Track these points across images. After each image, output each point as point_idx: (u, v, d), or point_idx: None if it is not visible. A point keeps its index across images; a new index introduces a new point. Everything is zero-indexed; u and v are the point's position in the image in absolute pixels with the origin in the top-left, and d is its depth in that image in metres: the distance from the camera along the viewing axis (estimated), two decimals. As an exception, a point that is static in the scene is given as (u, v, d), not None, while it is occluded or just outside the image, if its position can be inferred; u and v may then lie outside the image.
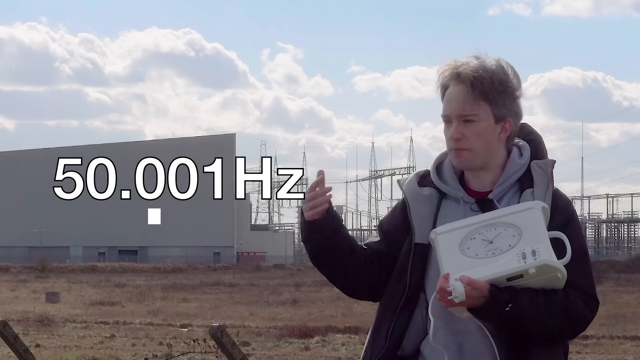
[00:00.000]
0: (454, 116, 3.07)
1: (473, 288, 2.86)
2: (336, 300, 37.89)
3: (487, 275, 2.90)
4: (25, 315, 28.93)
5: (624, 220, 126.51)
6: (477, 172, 3.12)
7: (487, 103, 3.06)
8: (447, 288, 2.87)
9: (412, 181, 3.22)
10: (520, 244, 2.93)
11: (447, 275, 2.90)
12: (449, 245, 2.98)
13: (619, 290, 44.16)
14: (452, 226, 3.01)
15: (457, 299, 2.85)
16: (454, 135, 3.06)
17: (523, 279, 2.91)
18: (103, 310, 33.91)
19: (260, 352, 20.40)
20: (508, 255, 2.92)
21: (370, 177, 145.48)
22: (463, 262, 2.94)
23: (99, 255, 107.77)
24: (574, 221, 3.08)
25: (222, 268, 79.45)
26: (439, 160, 3.22)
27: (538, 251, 2.89)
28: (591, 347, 21.26)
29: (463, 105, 3.05)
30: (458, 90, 3.06)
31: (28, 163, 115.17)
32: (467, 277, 2.87)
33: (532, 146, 3.18)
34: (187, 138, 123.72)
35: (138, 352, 18.86)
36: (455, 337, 3.02)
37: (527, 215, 2.97)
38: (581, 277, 3.01)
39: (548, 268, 2.90)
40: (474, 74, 3.05)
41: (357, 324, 25.42)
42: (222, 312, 33.60)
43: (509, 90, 3.09)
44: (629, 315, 31.02)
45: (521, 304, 2.90)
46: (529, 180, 3.11)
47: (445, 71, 3.11)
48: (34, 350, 11.28)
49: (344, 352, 20.45)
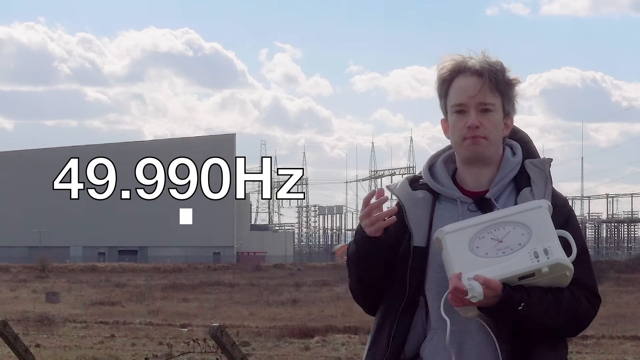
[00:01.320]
0: (471, 105, 3.05)
1: (487, 287, 2.86)
2: (336, 300, 37.92)
3: (500, 275, 2.89)
4: (25, 315, 28.92)
5: (623, 220, 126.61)
6: (478, 168, 3.11)
7: (500, 96, 3.08)
8: (463, 288, 2.85)
9: (404, 185, 3.21)
10: (531, 242, 2.93)
11: (460, 275, 2.88)
12: (458, 245, 2.96)
13: (619, 290, 44.14)
14: (459, 225, 3.00)
15: (475, 298, 2.83)
16: (474, 123, 3.04)
17: (534, 278, 2.91)
18: (103, 310, 33.91)
19: (260, 352, 20.40)
20: (519, 254, 2.92)
21: (370, 177, 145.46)
22: (473, 261, 2.93)
23: (99, 255, 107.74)
24: (572, 219, 3.10)
25: (222, 268, 79.40)
26: (431, 162, 3.22)
27: (550, 250, 2.90)
28: (591, 347, 21.26)
29: (484, 94, 3.05)
30: (474, 80, 3.06)
31: (28, 163, 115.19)
32: (483, 276, 2.86)
33: (522, 145, 3.19)
34: (187, 138, 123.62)
35: (138, 352, 18.83)
36: (455, 337, 3.00)
37: (536, 214, 2.97)
38: (584, 275, 3.03)
39: (560, 266, 2.91)
40: (489, 65, 3.07)
41: (357, 324, 25.42)
42: (222, 312, 33.60)
43: (513, 86, 3.11)
44: (629, 315, 31.02)
45: (533, 303, 2.91)
46: (524, 179, 3.12)
47: (450, 63, 3.10)
48: (33, 350, 11.29)
49: (344, 352, 20.44)
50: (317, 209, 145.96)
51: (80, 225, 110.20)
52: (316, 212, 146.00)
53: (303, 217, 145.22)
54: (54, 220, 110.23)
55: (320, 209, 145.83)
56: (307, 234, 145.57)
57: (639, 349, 21.52)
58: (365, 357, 3.16)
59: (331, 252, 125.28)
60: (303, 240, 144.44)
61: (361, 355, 3.21)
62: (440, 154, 3.24)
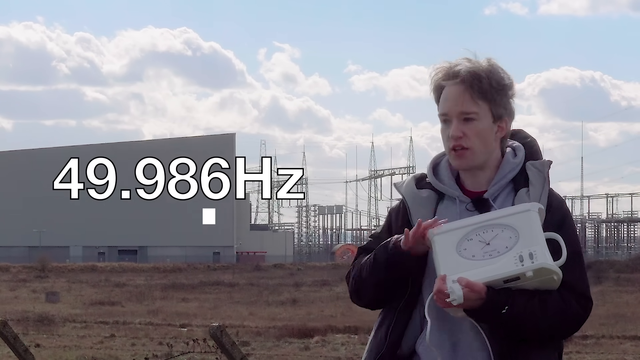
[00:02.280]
0: (454, 115, 3.07)
1: (471, 290, 2.88)
2: (336, 300, 37.95)
3: (484, 278, 2.90)
4: (25, 315, 28.93)
5: (623, 220, 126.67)
6: (474, 172, 3.13)
7: (486, 102, 3.07)
8: (445, 290, 2.87)
9: (409, 184, 3.23)
10: (517, 246, 2.93)
11: (445, 277, 2.91)
12: (446, 247, 2.98)
13: (619, 290, 44.17)
14: (449, 227, 3.01)
15: (455, 301, 2.86)
16: (455, 134, 3.06)
17: (520, 281, 2.92)
18: (103, 310, 33.93)
19: (259, 352, 20.41)
20: (505, 258, 2.92)
21: (370, 176, 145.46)
22: (460, 263, 2.94)
23: (99, 255, 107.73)
24: (568, 220, 3.10)
25: (221, 268, 79.45)
26: (436, 162, 3.24)
27: (535, 254, 2.90)
28: (591, 347, 21.28)
29: (464, 103, 3.06)
30: (457, 89, 3.07)
31: (28, 163, 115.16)
32: (466, 279, 2.88)
33: (527, 148, 3.20)
34: (187, 138, 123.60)
35: (138, 352, 18.83)
36: (448, 336, 3.03)
37: (524, 218, 2.97)
38: (575, 277, 3.03)
39: (545, 271, 2.91)
40: (473, 72, 3.06)
41: (356, 324, 25.44)
42: (221, 312, 33.62)
43: (505, 90, 3.10)
44: (629, 315, 31.05)
45: (517, 306, 2.92)
46: (523, 180, 3.13)
47: (439, 72, 3.12)
48: (33, 350, 11.28)
49: (343, 352, 20.45)
50: (317, 208, 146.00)
51: (79, 225, 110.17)
52: (316, 212, 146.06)
53: (303, 216, 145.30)
54: (53, 220, 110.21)
55: (320, 208, 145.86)
56: (306, 234, 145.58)
57: (639, 348, 21.53)
58: (366, 350, 3.21)
59: (331, 251, 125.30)
60: (303, 240, 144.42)
61: (361, 355, 3.23)
62: (446, 154, 3.25)
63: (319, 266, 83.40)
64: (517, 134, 3.24)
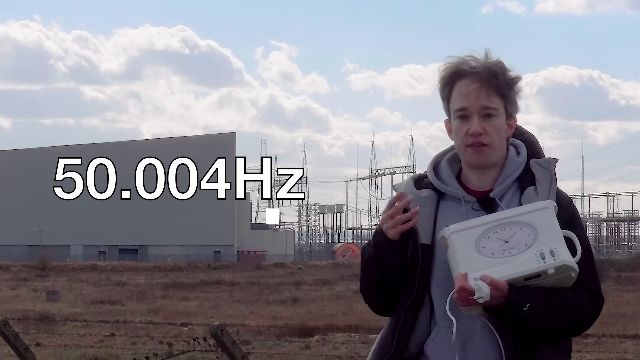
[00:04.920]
0: (474, 110, 3.03)
1: (495, 288, 2.86)
2: (336, 299, 37.95)
3: (506, 275, 2.89)
4: (25, 314, 28.93)
5: (624, 219, 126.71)
6: (483, 170, 3.11)
7: (502, 99, 3.05)
8: (469, 288, 2.85)
9: (409, 184, 3.21)
10: (537, 243, 2.92)
11: (466, 275, 2.88)
12: (464, 244, 2.96)
13: (620, 289, 44.15)
14: (465, 225, 2.99)
15: (483, 299, 2.83)
16: (477, 130, 3.02)
17: (540, 279, 2.91)
18: (103, 309, 33.94)
19: (260, 350, 20.41)
20: (526, 255, 2.92)
21: (370, 175, 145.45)
22: (479, 261, 2.93)
23: (99, 254, 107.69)
24: (576, 219, 3.09)
25: (222, 267, 79.46)
26: (436, 161, 3.22)
27: (557, 251, 2.90)
28: (591, 346, 21.26)
29: (485, 98, 3.03)
30: (475, 85, 3.03)
31: (29, 162, 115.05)
32: (490, 276, 2.86)
33: (527, 145, 3.18)
34: (187, 137, 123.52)
35: (138, 350, 18.81)
36: (459, 336, 3.01)
37: (542, 215, 2.96)
38: (588, 275, 3.03)
39: (566, 268, 2.91)
40: (489, 68, 3.04)
41: (357, 323, 25.44)
42: (222, 311, 33.62)
43: (515, 87, 3.09)
44: (630, 314, 31.04)
45: (538, 304, 2.91)
46: (528, 178, 3.11)
47: (450, 67, 3.08)
48: (34, 349, 11.28)
49: (344, 351, 20.44)
50: (317, 207, 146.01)
51: (80, 223, 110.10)
52: (316, 211, 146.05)
53: (303, 215, 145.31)
54: (54, 219, 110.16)
55: (320, 207, 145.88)
56: (307, 233, 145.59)
57: (639, 347, 21.53)
58: (372, 350, 3.20)
59: (331, 250, 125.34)
60: (303, 239, 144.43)
61: (361, 354, 3.23)
62: (445, 154, 3.24)
63: (319, 265, 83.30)
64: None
